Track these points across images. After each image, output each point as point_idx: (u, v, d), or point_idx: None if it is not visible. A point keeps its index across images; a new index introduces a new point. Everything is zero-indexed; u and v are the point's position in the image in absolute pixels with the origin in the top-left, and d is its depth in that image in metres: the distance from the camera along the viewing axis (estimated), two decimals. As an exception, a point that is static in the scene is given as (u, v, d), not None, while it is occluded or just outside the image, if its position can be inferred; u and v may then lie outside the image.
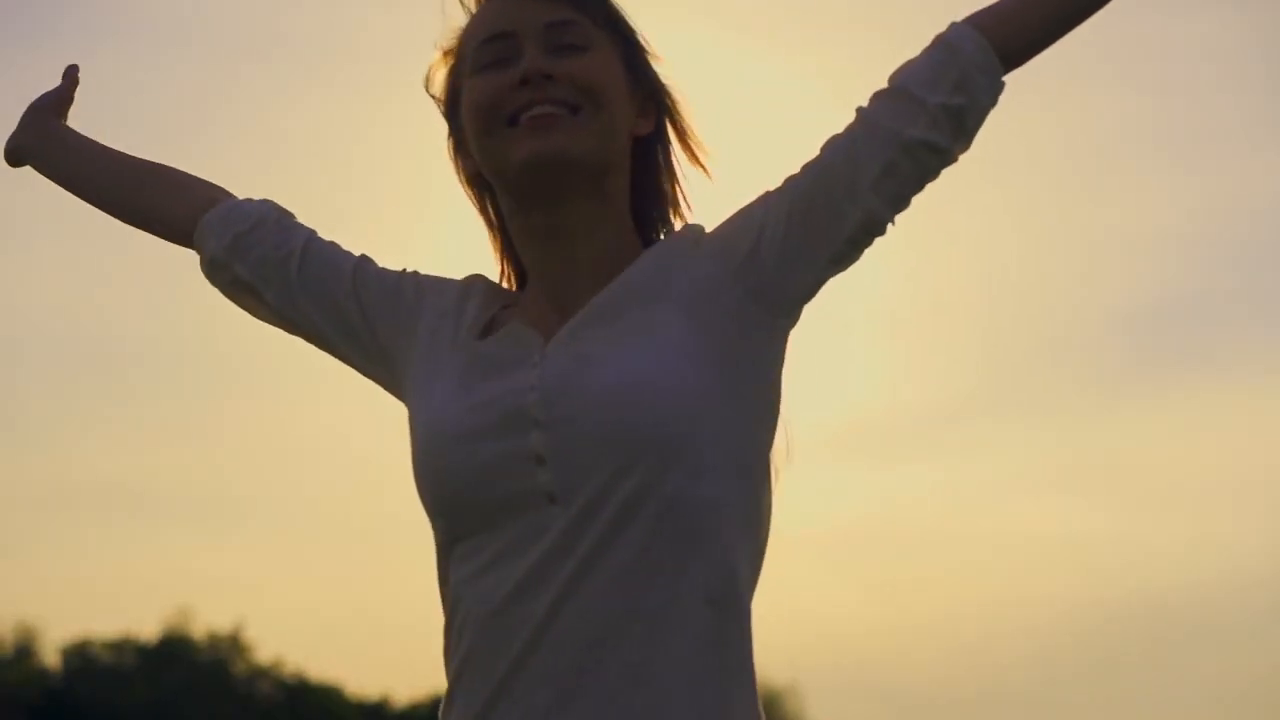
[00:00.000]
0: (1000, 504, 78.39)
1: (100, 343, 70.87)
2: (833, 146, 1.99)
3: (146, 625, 62.69)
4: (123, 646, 52.36)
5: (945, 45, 1.98)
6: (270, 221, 2.15)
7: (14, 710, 48.21)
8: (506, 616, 1.87)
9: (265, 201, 2.18)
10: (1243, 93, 72.92)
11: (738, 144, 2.21)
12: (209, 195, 2.19)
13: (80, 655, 51.96)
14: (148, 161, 2.26)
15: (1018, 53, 1.97)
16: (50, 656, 51.93)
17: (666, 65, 2.05)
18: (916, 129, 1.94)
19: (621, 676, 1.82)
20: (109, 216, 2.27)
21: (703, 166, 2.06)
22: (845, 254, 1.96)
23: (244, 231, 2.14)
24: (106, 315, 71.09)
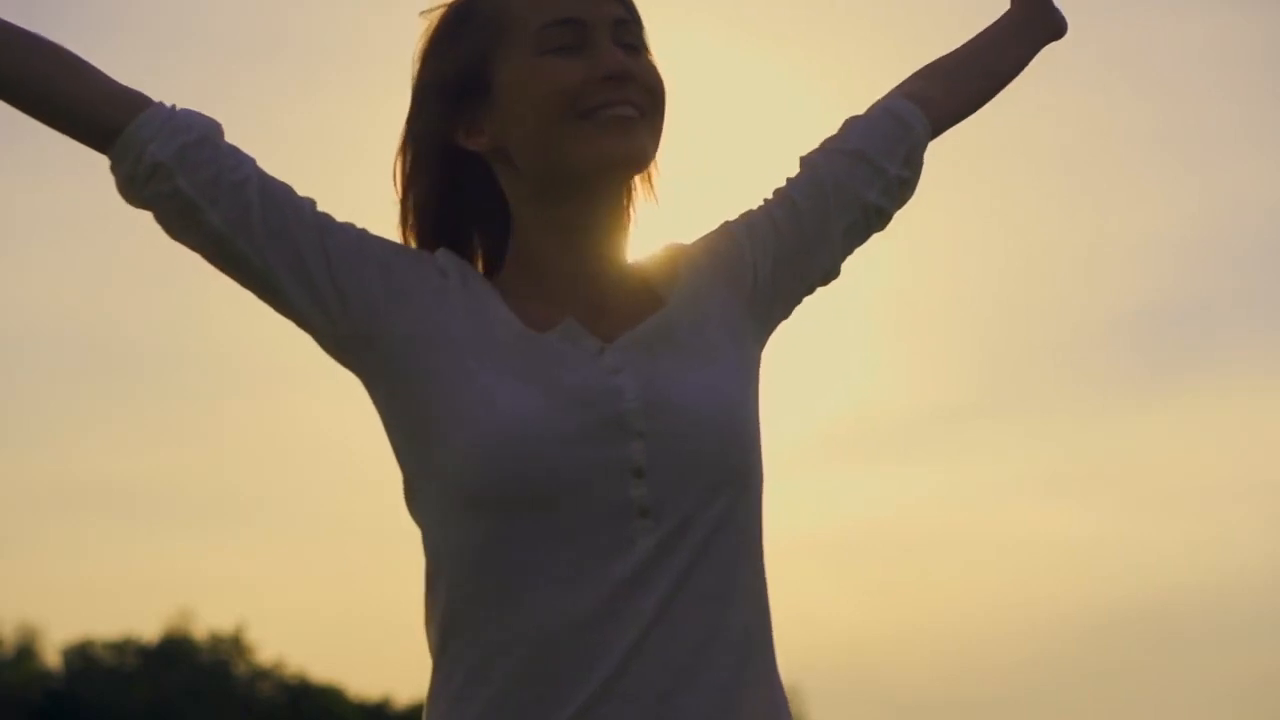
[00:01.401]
0: (1001, 506, 78.39)
1: (102, 344, 70.92)
2: (803, 193, 2.08)
3: (148, 626, 62.75)
4: (124, 647, 52.35)
5: (897, 119, 2.13)
6: (216, 137, 1.91)
7: (15, 710, 48.19)
8: (593, 633, 1.80)
9: (202, 114, 1.93)
10: (1244, 97, 72.94)
11: (738, 144, 2.22)
12: (136, 94, 1.92)
13: (81, 656, 51.95)
14: (57, 45, 1.93)
15: (940, 131, 2.18)
16: (52, 657, 51.96)
17: (669, 65, 2.06)
18: (874, 194, 2.09)
19: (711, 701, 1.82)
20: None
21: (653, 188, 2.05)
22: (804, 297, 2.10)
23: (191, 142, 1.88)
24: (110, 317, 71.12)
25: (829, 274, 2.10)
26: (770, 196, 2.08)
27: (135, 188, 1.89)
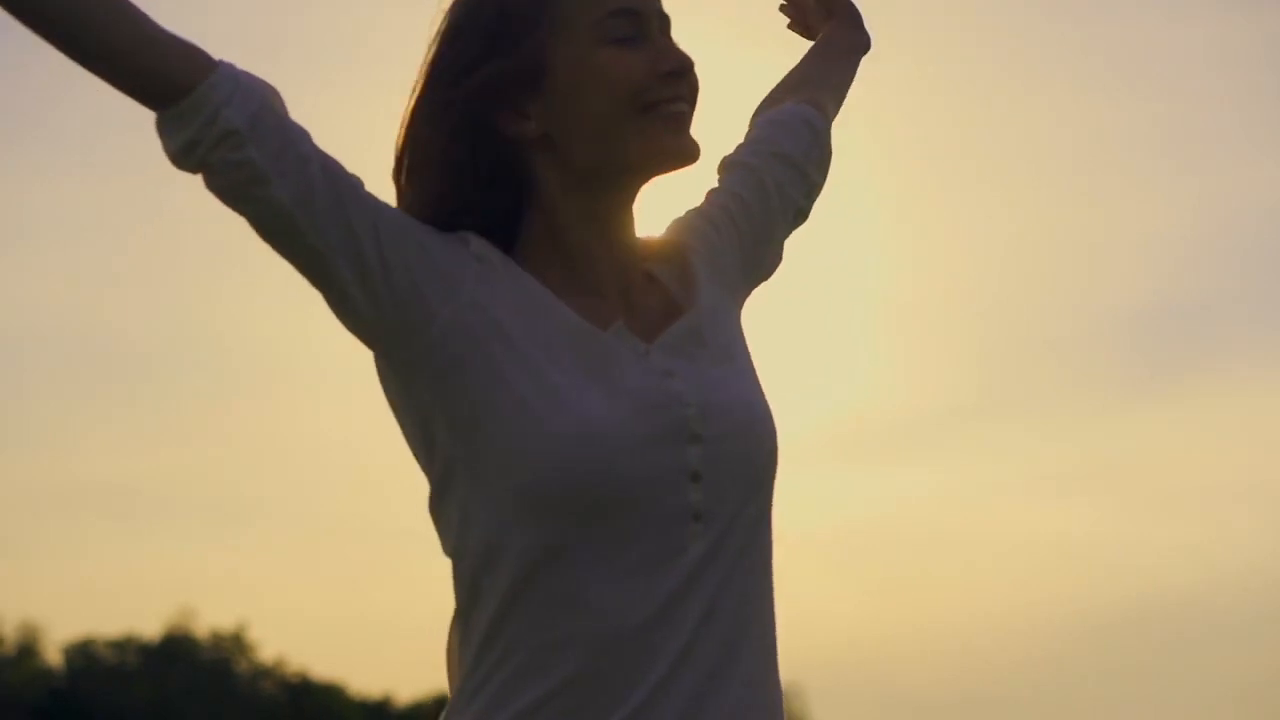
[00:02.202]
0: (1001, 505, 78.38)
1: (104, 344, 70.91)
2: (752, 194, 2.11)
3: (149, 624, 62.79)
4: (125, 645, 52.36)
5: (814, 129, 2.19)
6: (280, 105, 1.82)
7: (18, 708, 48.21)
8: (648, 637, 1.80)
9: (261, 78, 1.83)
10: (1245, 98, 72.91)
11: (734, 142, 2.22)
12: (201, 50, 1.79)
13: (83, 654, 51.96)
14: None
15: None
16: (53, 655, 51.97)
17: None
18: (802, 198, 2.17)
19: (741, 700, 1.84)
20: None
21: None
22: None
23: (260, 110, 1.78)
24: (111, 317, 71.10)
25: (769, 274, 2.14)
26: (712, 197, 2.09)
27: (198, 151, 1.77)
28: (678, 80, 1.89)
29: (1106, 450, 75.88)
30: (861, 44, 2.35)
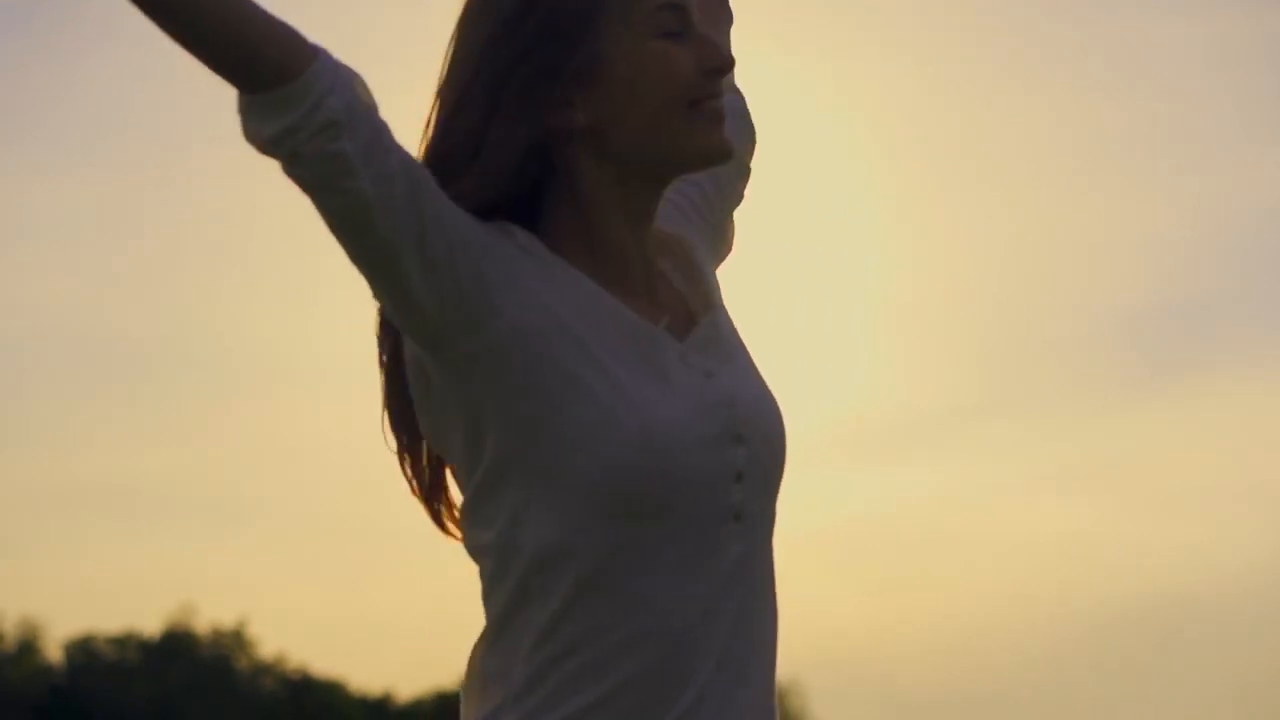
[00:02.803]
0: (1002, 504, 78.38)
1: (105, 344, 70.95)
2: (711, 187, 2.11)
3: (150, 621, 62.76)
4: (126, 642, 52.37)
5: (747, 120, 2.18)
6: (368, 96, 1.78)
7: (18, 705, 48.23)
8: (696, 636, 1.81)
9: (353, 70, 1.79)
10: (1245, 97, 72.90)
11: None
12: (300, 35, 1.75)
13: (84, 651, 51.96)
14: None
15: None
16: (54, 652, 51.98)
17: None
18: (742, 187, 2.17)
19: (759, 696, 1.87)
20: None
21: None
22: None
23: (355, 101, 1.75)
24: (111, 317, 71.11)
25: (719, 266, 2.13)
26: (676, 188, 2.04)
27: (294, 139, 1.72)
28: (718, 77, 1.89)
29: (1107, 449, 75.93)
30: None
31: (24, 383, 70.02)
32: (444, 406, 1.83)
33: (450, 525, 1.93)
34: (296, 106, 1.71)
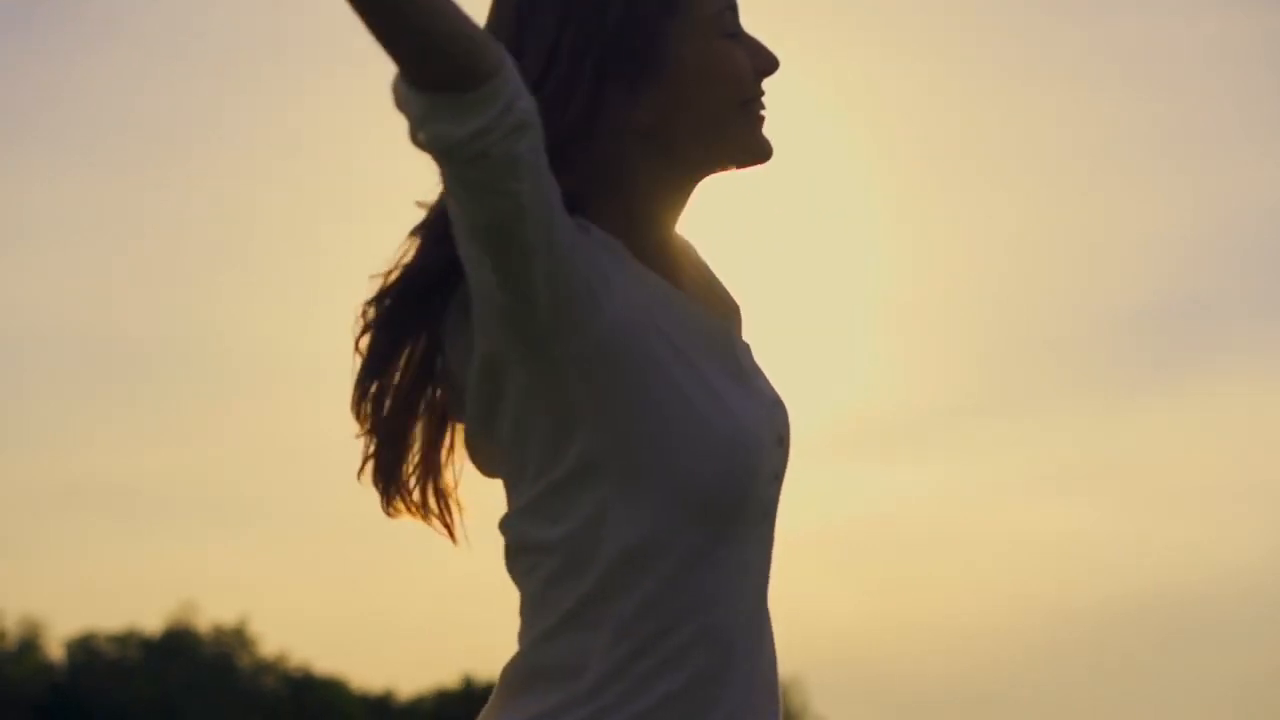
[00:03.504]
0: (1002, 503, 78.41)
1: (105, 343, 70.97)
2: None
3: (151, 620, 62.82)
4: (127, 640, 52.39)
5: None
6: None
7: (19, 703, 48.24)
8: (745, 633, 1.85)
9: None
10: (1247, 95, 72.91)
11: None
12: (495, 42, 1.72)
13: (85, 649, 51.98)
14: None
15: None
16: (55, 650, 52.01)
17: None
18: None
19: (768, 689, 1.89)
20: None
21: None
22: None
23: (533, 104, 1.71)
24: (112, 316, 71.13)
25: None
26: None
27: (487, 139, 1.67)
28: (765, 79, 1.91)
29: (1107, 448, 75.95)
30: None
31: (24, 382, 70.09)
32: (525, 407, 1.80)
33: (404, 508, 1.91)
34: (491, 107, 1.66)
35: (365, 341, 1.88)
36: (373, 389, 1.88)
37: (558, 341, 1.76)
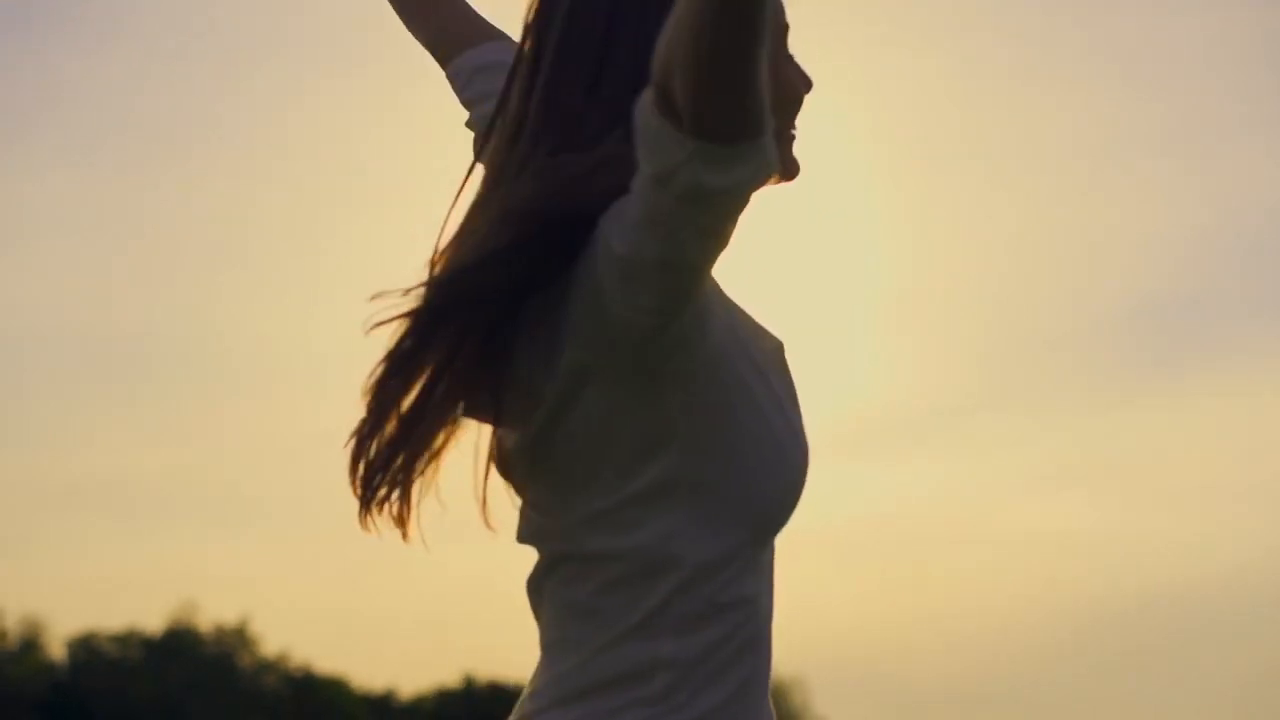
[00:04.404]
0: (1004, 500, 78.41)
1: (106, 342, 70.97)
2: None
3: (152, 619, 62.84)
4: (128, 640, 52.40)
5: None
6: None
7: (20, 703, 48.26)
8: (769, 634, 1.88)
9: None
10: (1247, 92, 72.89)
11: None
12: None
13: (86, 648, 51.99)
14: None
15: None
16: (56, 649, 52.01)
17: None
18: None
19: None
20: None
21: None
22: None
23: None
24: (114, 317, 71.15)
25: None
26: None
27: (742, 192, 1.67)
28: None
29: (1108, 446, 75.95)
30: None
31: (24, 382, 70.09)
32: (610, 420, 1.77)
33: (390, 511, 1.84)
34: (757, 163, 1.64)
35: (415, 328, 1.77)
36: (409, 381, 1.78)
37: (667, 359, 1.75)
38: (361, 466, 1.83)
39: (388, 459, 1.81)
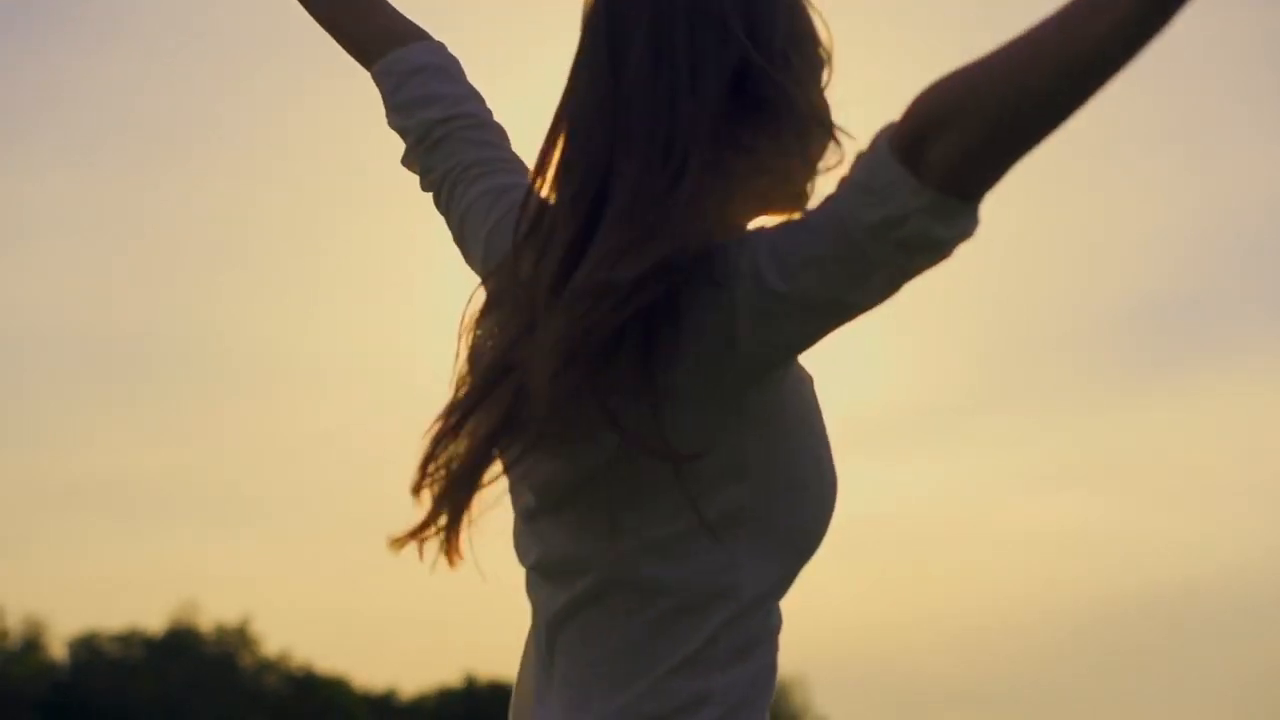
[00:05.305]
0: (1004, 499, 78.40)
1: (106, 342, 70.98)
2: None
3: (153, 618, 62.87)
4: (130, 639, 52.41)
5: None
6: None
7: (22, 703, 48.27)
8: None
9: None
10: (1247, 90, 72.87)
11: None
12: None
13: (87, 648, 52.00)
14: None
15: None
16: (57, 649, 52.02)
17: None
18: None
19: None
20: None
21: None
22: None
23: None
24: (114, 316, 71.16)
25: None
26: None
27: (956, 246, 1.70)
28: None
29: (1109, 444, 75.96)
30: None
31: (24, 382, 70.10)
32: (691, 449, 1.73)
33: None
34: (975, 217, 1.66)
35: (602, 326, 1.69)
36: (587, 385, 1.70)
37: (763, 393, 1.75)
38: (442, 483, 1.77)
39: (467, 480, 1.76)
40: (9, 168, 72.09)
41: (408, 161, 2.12)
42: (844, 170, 1.67)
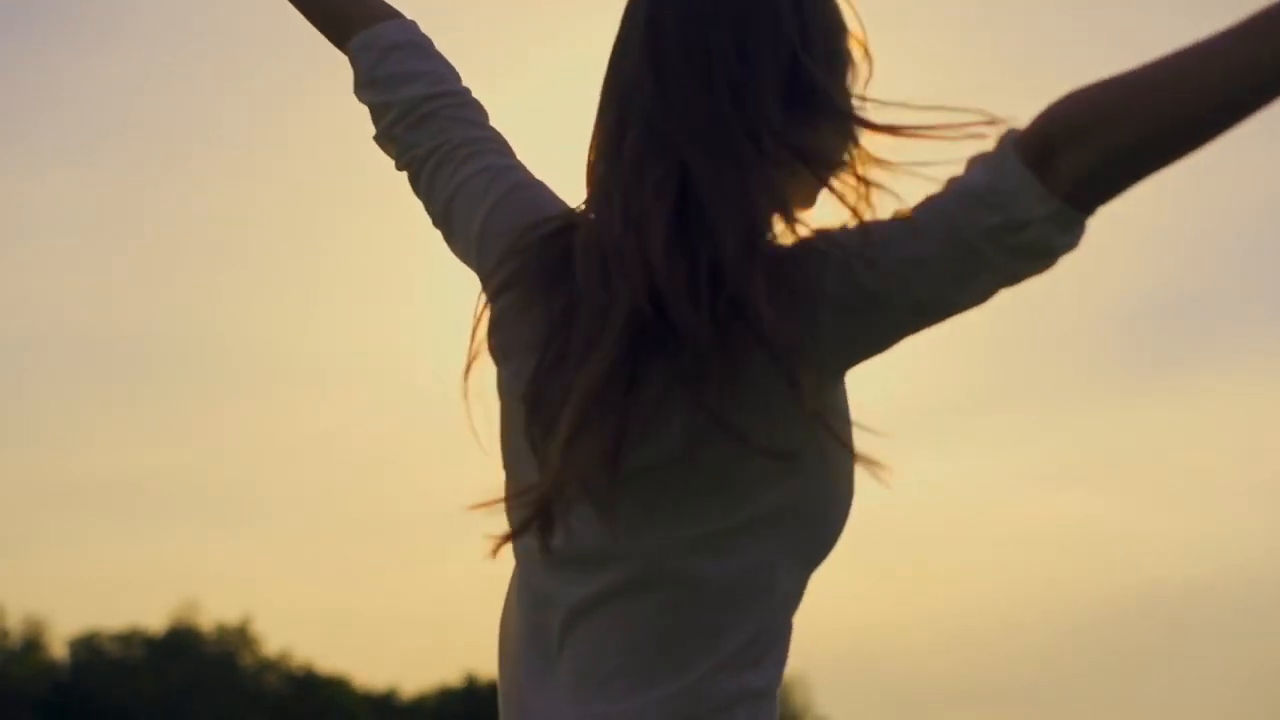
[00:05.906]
0: (1006, 498, 78.39)
1: (106, 342, 70.99)
2: None
3: (154, 618, 62.86)
4: (130, 639, 52.42)
5: None
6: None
7: (23, 702, 48.28)
8: None
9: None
10: (1250, 86, 72.70)
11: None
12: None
13: (88, 647, 52.01)
14: None
15: None
16: (58, 649, 52.03)
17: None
18: None
19: None
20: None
21: None
22: None
23: None
24: (115, 316, 71.16)
25: None
26: None
27: (1065, 253, 1.74)
28: None
29: (1110, 442, 75.98)
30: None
31: (24, 382, 70.12)
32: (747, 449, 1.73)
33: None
34: (1083, 227, 1.70)
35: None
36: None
37: (830, 392, 1.77)
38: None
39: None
40: (9, 168, 72.11)
41: (383, 139, 2.08)
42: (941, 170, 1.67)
